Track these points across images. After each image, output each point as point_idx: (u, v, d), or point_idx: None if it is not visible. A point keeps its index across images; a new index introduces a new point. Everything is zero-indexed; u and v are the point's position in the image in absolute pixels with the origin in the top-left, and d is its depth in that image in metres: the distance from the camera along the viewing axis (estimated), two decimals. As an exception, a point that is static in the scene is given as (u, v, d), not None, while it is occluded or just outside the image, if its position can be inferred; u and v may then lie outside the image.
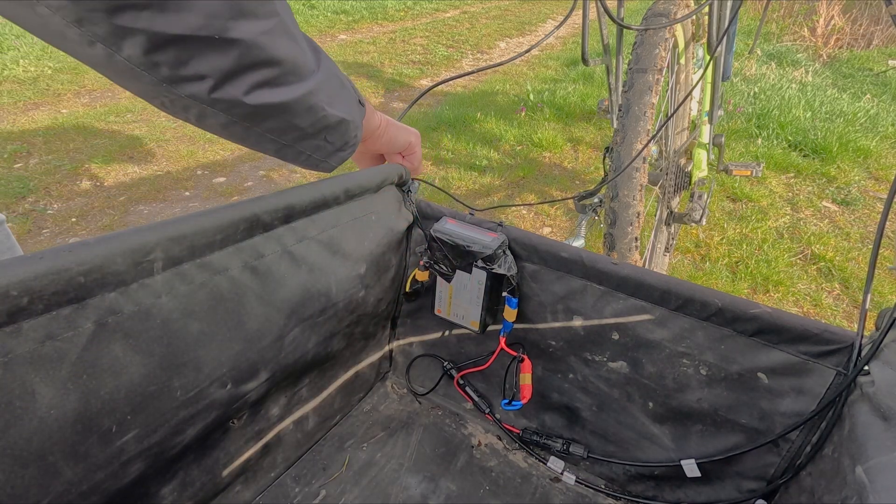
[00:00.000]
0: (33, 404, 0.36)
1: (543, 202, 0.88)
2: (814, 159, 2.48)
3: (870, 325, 1.08)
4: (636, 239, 1.01)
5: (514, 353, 0.69)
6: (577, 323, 0.64)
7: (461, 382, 0.78)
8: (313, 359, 0.63)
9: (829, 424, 0.51)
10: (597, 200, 1.26)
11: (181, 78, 0.32)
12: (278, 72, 0.36)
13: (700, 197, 1.40)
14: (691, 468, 0.61)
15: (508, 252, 0.66)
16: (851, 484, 0.42)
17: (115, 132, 2.68)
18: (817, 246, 1.80)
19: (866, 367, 0.48)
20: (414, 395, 0.82)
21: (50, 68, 3.51)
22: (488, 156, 2.54)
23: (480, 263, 0.65)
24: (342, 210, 0.61)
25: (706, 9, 1.25)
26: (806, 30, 4.82)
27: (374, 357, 0.80)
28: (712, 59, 1.36)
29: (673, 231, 1.52)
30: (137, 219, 1.96)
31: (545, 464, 0.70)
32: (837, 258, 1.74)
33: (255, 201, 0.50)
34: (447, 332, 0.79)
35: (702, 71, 1.40)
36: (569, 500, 0.66)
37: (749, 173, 1.62)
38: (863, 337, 0.50)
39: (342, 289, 0.62)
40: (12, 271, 0.34)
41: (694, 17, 1.30)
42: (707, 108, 1.53)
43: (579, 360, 0.66)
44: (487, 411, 0.76)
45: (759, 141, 2.64)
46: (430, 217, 0.72)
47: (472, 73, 0.77)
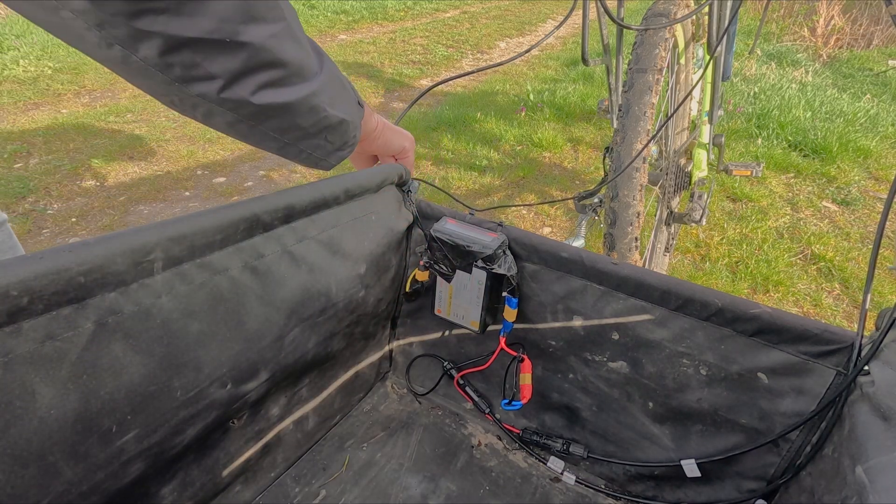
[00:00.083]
0: (33, 404, 0.36)
1: (543, 202, 0.88)
2: (814, 159, 2.48)
3: (870, 325, 1.08)
4: (636, 239, 1.01)
5: (514, 353, 0.69)
6: (577, 323, 0.64)
7: (461, 382, 0.78)
8: (313, 359, 0.63)
9: (829, 424, 0.51)
10: (597, 200, 1.26)
11: (192, 78, 0.34)
12: (284, 73, 0.37)
13: (700, 197, 1.40)
14: (691, 468, 0.61)
15: (508, 252, 0.66)
16: (851, 484, 0.42)
17: (115, 132, 2.68)
18: (817, 246, 1.80)
19: (866, 367, 0.48)
20: (414, 395, 0.81)
21: (50, 68, 3.51)
22: (488, 156, 2.54)
23: (480, 263, 0.65)
24: (342, 210, 0.61)
25: (706, 9, 1.25)
26: (806, 30, 4.82)
27: (374, 357, 0.80)
28: (712, 59, 1.36)
29: (673, 231, 1.52)
30: (137, 219, 1.96)
31: (545, 464, 0.70)
32: (837, 258, 1.74)
33: (255, 201, 0.50)
34: (447, 332, 0.79)
35: (702, 71, 1.40)
36: (569, 500, 0.66)
37: (749, 173, 1.62)
38: (863, 337, 0.50)
39: (342, 289, 0.62)
40: (12, 271, 0.34)
41: (694, 17, 1.31)
42: (707, 108, 1.53)
43: (579, 360, 0.66)
44: (487, 411, 0.76)
45: (759, 141, 2.64)
46: (430, 217, 0.72)
47: (472, 72, 0.77)
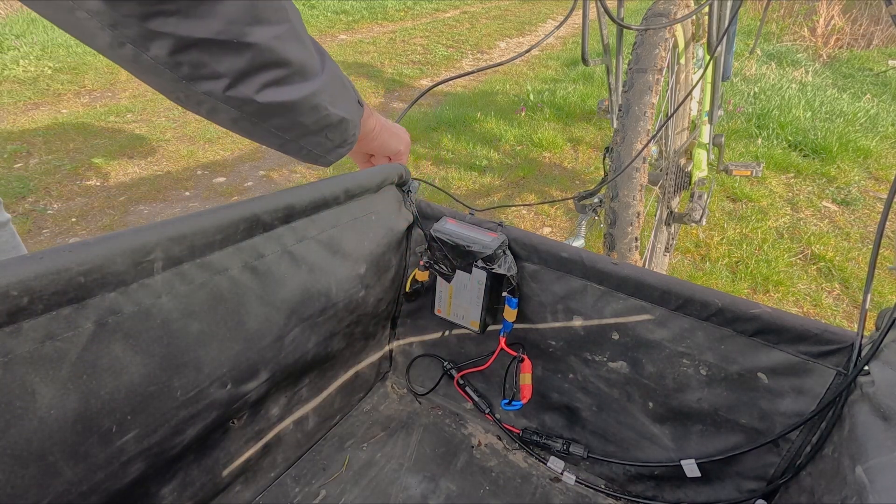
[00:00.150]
0: (33, 404, 0.36)
1: (543, 202, 0.88)
2: (814, 159, 2.48)
3: (870, 325, 1.08)
4: (636, 239, 1.01)
5: (514, 353, 0.69)
6: (577, 323, 0.64)
7: (461, 382, 0.78)
8: (313, 359, 0.63)
9: (829, 424, 0.51)
10: (597, 200, 1.26)
11: (200, 76, 0.35)
12: (287, 73, 0.38)
13: (700, 197, 1.40)
14: (691, 468, 0.61)
15: (508, 252, 0.66)
16: (851, 484, 0.42)
17: (115, 132, 2.68)
18: (817, 246, 1.80)
19: (866, 367, 0.48)
20: (414, 395, 0.82)
21: (50, 68, 3.51)
22: (488, 156, 2.54)
23: (480, 263, 0.65)
24: (342, 210, 0.61)
25: (706, 9, 1.25)
26: (806, 30, 4.82)
27: (374, 357, 0.80)
28: (712, 59, 1.36)
29: (673, 231, 1.52)
30: (137, 219, 1.96)
31: (545, 464, 0.70)
32: (837, 258, 1.74)
33: (255, 201, 0.50)
34: (447, 332, 0.79)
35: (702, 71, 1.40)
36: (569, 500, 0.66)
37: (749, 173, 1.62)
38: (863, 337, 0.50)
39: (342, 289, 0.62)
40: (12, 271, 0.34)
41: (694, 17, 1.30)
42: (707, 108, 1.53)
43: (579, 360, 0.66)
44: (487, 411, 0.76)
45: (759, 141, 2.64)
46: (430, 217, 0.72)
47: (472, 72, 0.77)
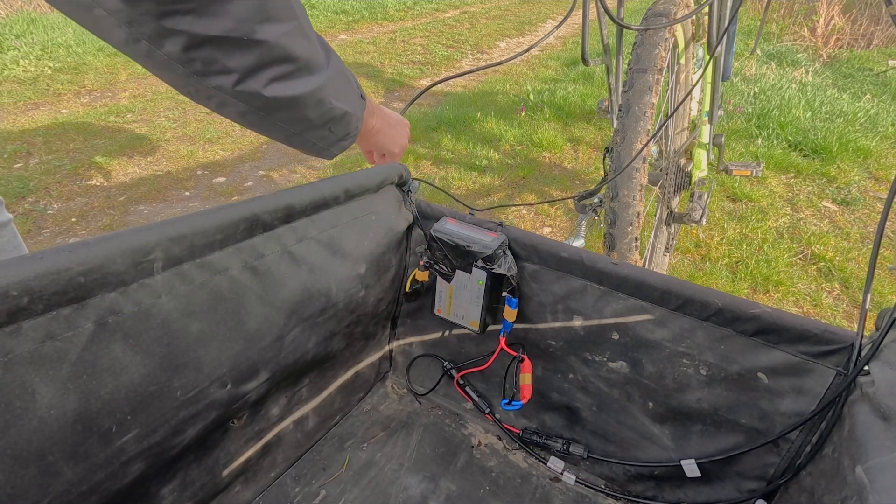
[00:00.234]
0: (33, 404, 0.36)
1: (543, 202, 0.88)
2: (814, 159, 2.48)
3: (870, 325, 1.08)
4: (636, 239, 1.01)
5: (514, 353, 0.69)
6: (577, 323, 0.64)
7: (461, 382, 0.78)
8: (313, 359, 0.63)
9: (829, 424, 0.51)
10: (597, 200, 1.26)
11: (210, 72, 0.37)
12: (293, 68, 0.39)
13: (700, 197, 1.40)
14: (691, 468, 0.61)
15: (508, 252, 0.66)
16: (851, 484, 0.42)
17: (115, 132, 2.68)
18: (817, 246, 1.80)
19: (866, 367, 0.48)
20: (414, 395, 0.81)
21: (50, 68, 3.51)
22: (488, 156, 2.54)
23: (480, 263, 0.65)
24: (342, 210, 0.61)
25: (706, 9, 1.25)
26: (806, 30, 4.82)
27: (374, 357, 0.80)
28: (712, 59, 1.36)
29: (673, 231, 1.52)
30: (137, 219, 1.96)
31: (545, 464, 0.70)
32: (837, 258, 1.74)
33: (255, 201, 0.50)
34: (447, 332, 0.79)
35: (702, 71, 1.40)
36: (569, 500, 0.66)
37: (749, 173, 1.62)
38: (863, 337, 0.50)
39: (342, 289, 0.62)
40: (12, 271, 0.34)
41: (694, 17, 1.30)
42: (707, 108, 1.53)
43: (579, 360, 0.66)
44: (487, 411, 0.76)
45: (759, 141, 2.64)
46: (430, 217, 0.72)
47: (472, 72, 0.77)
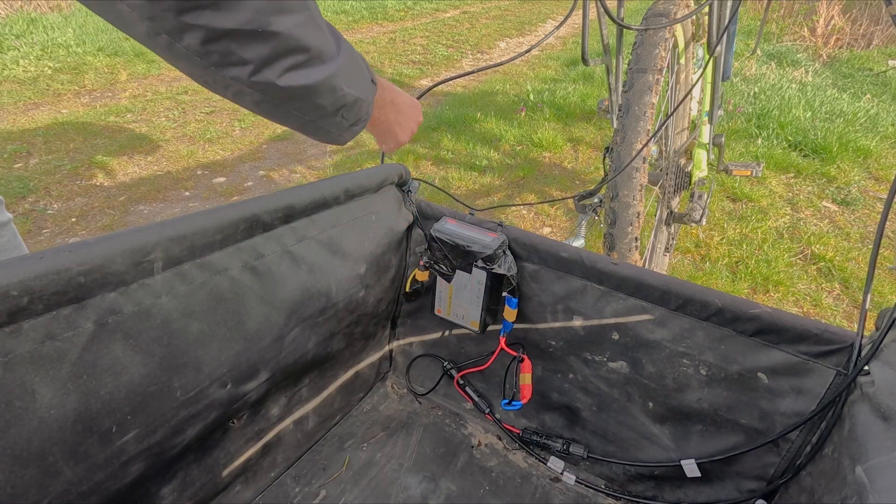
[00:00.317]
0: (33, 404, 0.36)
1: (543, 202, 0.88)
2: (814, 159, 2.48)
3: (870, 325, 1.08)
4: (636, 239, 1.01)
5: (514, 353, 0.69)
6: (577, 323, 0.64)
7: (461, 382, 0.78)
8: (313, 359, 0.63)
9: (829, 424, 0.51)
10: (597, 200, 1.26)
11: (227, 63, 0.38)
12: (307, 57, 0.41)
13: (700, 197, 1.40)
14: (691, 468, 0.61)
15: (508, 252, 0.66)
16: (851, 484, 0.42)
17: (115, 132, 2.68)
18: (817, 246, 1.80)
19: (866, 367, 0.48)
20: (414, 395, 0.81)
21: (50, 68, 3.51)
22: (488, 156, 2.54)
23: (480, 263, 0.65)
24: (342, 210, 0.61)
25: (706, 9, 1.25)
26: (806, 30, 4.82)
27: (374, 357, 0.80)
28: (712, 58, 1.36)
29: (673, 231, 1.52)
30: (137, 219, 1.96)
31: (545, 464, 0.70)
32: (837, 258, 1.74)
33: (255, 201, 0.50)
34: (447, 332, 0.79)
35: (702, 71, 1.40)
36: (569, 500, 0.66)
37: (749, 173, 1.62)
38: (863, 337, 0.50)
39: (342, 289, 0.62)
40: (12, 271, 0.34)
41: (694, 16, 1.30)
42: (707, 108, 1.53)
43: (579, 360, 0.66)
44: (487, 411, 0.75)
45: (759, 141, 2.64)
46: (430, 217, 0.72)
47: (473, 72, 0.77)
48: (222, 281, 0.48)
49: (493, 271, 0.64)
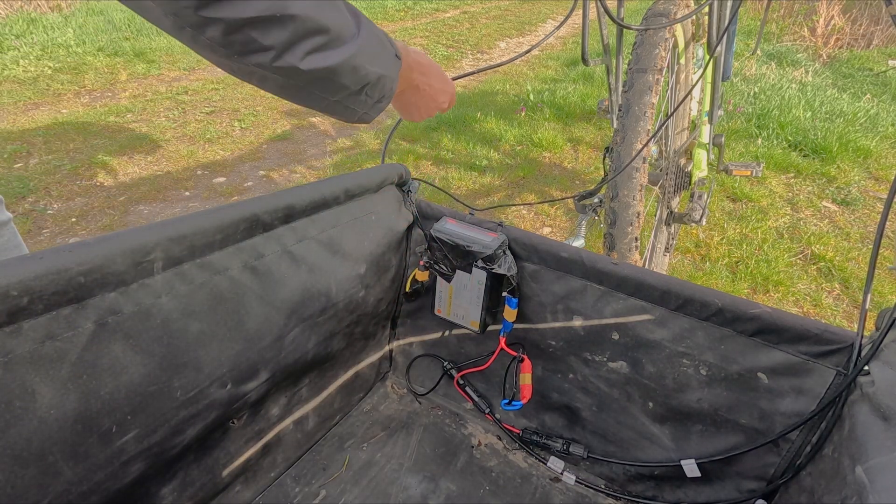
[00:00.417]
0: (33, 404, 0.36)
1: (543, 202, 0.88)
2: (814, 159, 2.48)
3: (870, 325, 1.08)
4: (636, 239, 1.01)
5: (514, 353, 0.69)
6: (577, 323, 0.64)
7: (461, 382, 0.78)
8: (313, 359, 0.63)
9: (829, 424, 0.51)
10: (597, 200, 1.26)
11: (250, 50, 0.39)
12: (327, 39, 0.42)
13: (700, 197, 1.40)
14: (691, 468, 0.61)
15: (508, 252, 0.66)
16: (851, 484, 0.42)
17: (115, 132, 2.68)
18: (817, 246, 1.80)
19: (866, 367, 0.48)
20: (414, 395, 0.81)
21: (50, 68, 3.51)
22: (488, 156, 2.54)
23: (480, 263, 0.65)
24: (342, 210, 0.61)
25: (706, 9, 1.25)
26: (806, 30, 4.82)
27: (374, 357, 0.80)
28: (712, 58, 1.36)
29: (673, 231, 1.52)
30: (137, 219, 1.96)
31: (545, 464, 0.70)
32: (837, 258, 1.73)
33: (255, 201, 0.50)
34: (447, 332, 0.79)
35: (702, 71, 1.40)
36: (569, 500, 0.66)
37: (749, 173, 1.62)
38: (863, 337, 0.50)
39: (342, 289, 0.62)
40: (12, 271, 0.34)
41: (694, 17, 1.30)
42: (707, 108, 1.53)
43: (579, 360, 0.66)
44: (487, 411, 0.76)
45: (759, 141, 2.64)
46: (430, 217, 0.72)
47: (473, 73, 0.77)
48: (222, 281, 0.48)
49: (493, 271, 0.64)
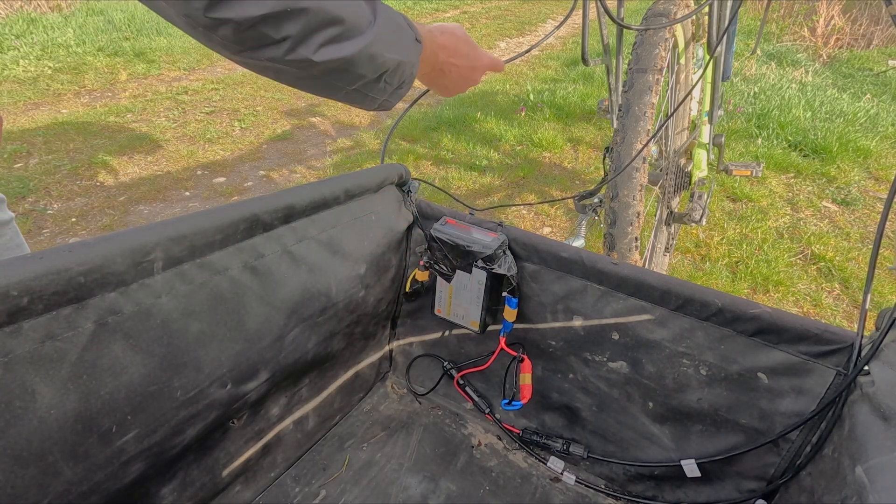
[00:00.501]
0: (33, 404, 0.36)
1: (543, 202, 0.88)
2: (814, 159, 2.48)
3: (870, 325, 1.08)
4: (636, 239, 1.01)
5: (514, 353, 0.69)
6: (577, 323, 0.64)
7: (461, 382, 0.78)
8: (313, 359, 0.63)
9: (829, 424, 0.51)
10: (597, 200, 1.26)
11: (262, 46, 0.39)
12: (341, 30, 0.41)
13: (700, 197, 1.40)
14: (691, 468, 0.61)
15: (508, 252, 0.66)
16: (851, 484, 0.42)
17: (115, 132, 2.68)
18: (817, 246, 1.80)
19: (866, 367, 0.48)
20: (414, 395, 0.82)
21: (50, 68, 3.51)
22: (488, 156, 2.54)
23: (480, 263, 0.65)
24: (342, 210, 0.61)
25: (706, 9, 1.25)
26: (806, 30, 4.82)
27: (374, 357, 0.80)
28: (712, 58, 1.36)
29: (673, 231, 1.52)
30: (137, 219, 1.96)
31: (545, 464, 0.70)
32: (837, 258, 1.74)
33: (255, 201, 0.50)
34: (447, 332, 0.79)
35: (702, 71, 1.40)
36: (569, 500, 0.66)
37: (749, 173, 1.62)
38: (863, 337, 0.50)
39: (342, 289, 0.62)
40: (12, 271, 0.34)
41: (694, 17, 1.30)
42: (707, 108, 1.53)
43: (579, 360, 0.66)
44: (487, 411, 0.76)
45: (759, 141, 2.64)
46: (430, 217, 0.72)
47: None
48: (222, 281, 0.48)
49: (493, 271, 0.64)
